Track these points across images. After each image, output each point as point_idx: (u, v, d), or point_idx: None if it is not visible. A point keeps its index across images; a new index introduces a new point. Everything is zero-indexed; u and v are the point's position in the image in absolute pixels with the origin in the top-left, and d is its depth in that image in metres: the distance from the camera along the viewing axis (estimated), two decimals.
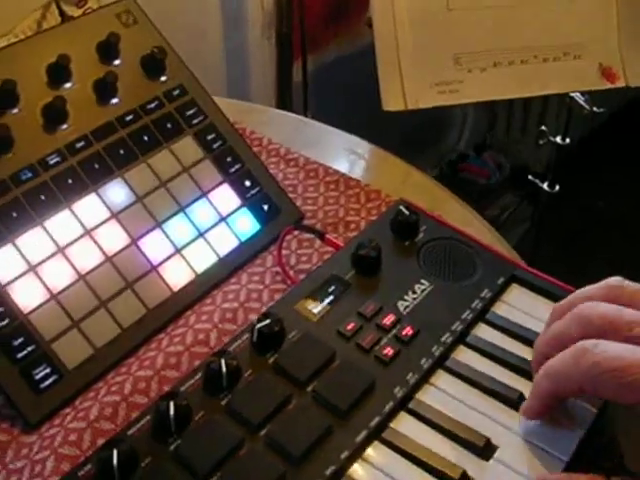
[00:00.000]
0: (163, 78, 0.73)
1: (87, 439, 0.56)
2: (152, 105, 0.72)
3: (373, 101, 0.92)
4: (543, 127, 1.20)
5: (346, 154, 0.87)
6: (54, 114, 0.66)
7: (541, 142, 1.19)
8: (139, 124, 0.70)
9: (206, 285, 0.68)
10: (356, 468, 0.50)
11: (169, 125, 0.72)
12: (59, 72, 0.67)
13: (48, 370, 0.59)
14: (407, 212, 0.66)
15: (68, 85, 0.68)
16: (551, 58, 0.94)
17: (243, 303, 0.67)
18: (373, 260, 0.61)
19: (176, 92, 0.73)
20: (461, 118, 1.93)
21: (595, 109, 1.06)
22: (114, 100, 0.70)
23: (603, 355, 0.47)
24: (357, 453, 0.50)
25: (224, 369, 0.52)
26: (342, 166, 0.84)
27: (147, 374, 0.60)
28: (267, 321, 0.55)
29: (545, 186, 1.23)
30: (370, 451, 0.51)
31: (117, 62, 0.71)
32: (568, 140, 1.17)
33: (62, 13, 0.78)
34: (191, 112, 0.73)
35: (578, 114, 1.10)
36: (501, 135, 1.95)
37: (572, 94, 1.09)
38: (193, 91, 0.74)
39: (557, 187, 1.22)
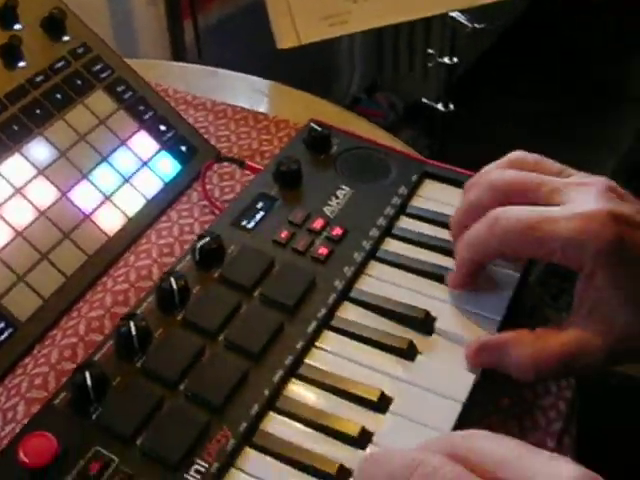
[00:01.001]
0: (66, 38, 0.75)
1: (52, 381, 0.59)
2: (59, 65, 0.73)
3: (262, 58, 0.96)
4: (430, 50, 1.26)
5: (250, 94, 0.90)
6: None
7: (430, 64, 1.24)
8: (50, 84, 0.72)
9: (139, 226, 0.70)
10: (313, 354, 0.54)
11: (79, 82, 0.74)
12: None
13: (2, 324, 0.61)
14: (319, 128, 0.70)
15: None
16: None
17: (177, 237, 0.70)
18: (294, 173, 0.65)
19: (80, 50, 0.75)
20: (349, 63, 1.97)
21: (477, 26, 1.12)
22: (21, 64, 0.71)
23: (513, 218, 0.52)
24: (311, 342, 0.54)
25: (175, 287, 0.55)
26: (248, 104, 0.87)
27: (98, 314, 0.63)
28: (207, 239, 0.58)
29: (440, 106, 1.28)
30: (322, 339, 0.55)
31: (18, 27, 0.73)
32: (456, 59, 1.22)
33: None
34: (98, 67, 0.75)
35: (461, 34, 1.15)
36: (390, 74, 2.00)
37: (452, 14, 1.14)
38: (97, 48, 0.76)
39: (451, 106, 1.28)
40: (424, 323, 0.55)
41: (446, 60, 1.23)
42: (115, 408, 0.49)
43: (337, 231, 0.62)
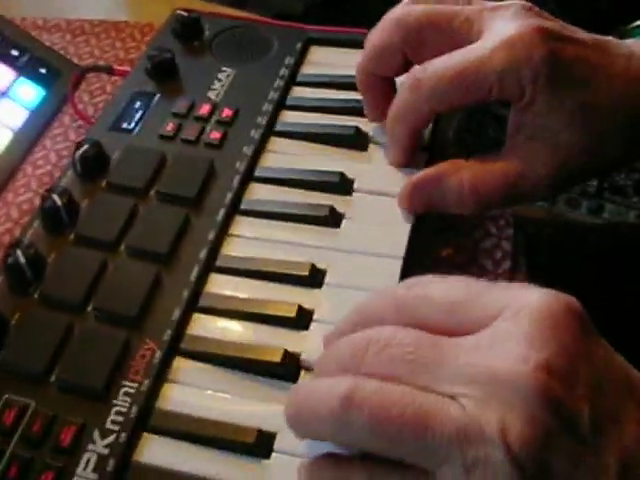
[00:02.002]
0: None
1: None
2: None
3: None
4: None
5: (106, 4, 0.83)
6: None
7: None
8: None
9: (13, 161, 0.63)
10: (228, 243, 0.48)
11: None
12: None
13: None
14: (185, 14, 0.63)
15: None
16: None
17: (56, 164, 0.63)
18: (168, 63, 0.59)
19: None
20: None
21: None
22: None
23: (436, 71, 0.47)
24: (223, 231, 0.49)
25: (59, 203, 0.48)
26: (105, 16, 0.79)
27: None
28: (85, 146, 0.52)
29: None
30: (235, 226, 0.50)
31: None
32: None
33: None
34: None
35: None
36: None
37: None
38: None
39: None
40: (341, 184, 0.50)
41: None
42: (19, 348, 0.43)
43: (227, 112, 0.56)
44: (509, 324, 0.31)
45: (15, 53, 0.68)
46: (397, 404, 0.30)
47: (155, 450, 0.40)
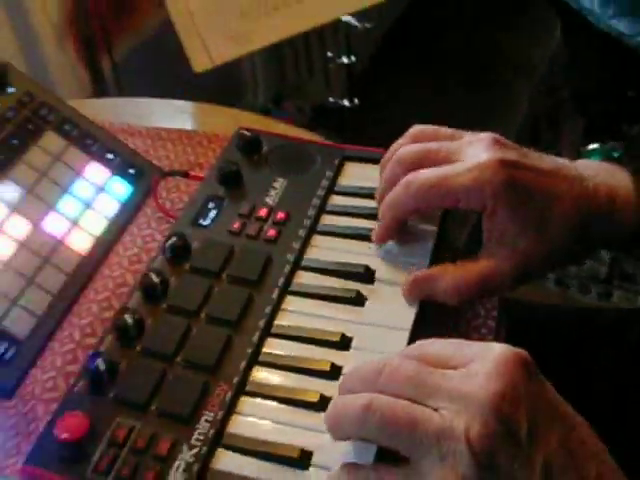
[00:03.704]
0: (11, 89, 0.84)
1: (61, 383, 0.68)
2: (9, 114, 0.82)
3: (169, 82, 1.06)
4: (329, 53, 1.38)
5: (177, 115, 1.01)
6: None
7: (330, 66, 1.36)
8: (4, 132, 0.81)
9: (107, 243, 0.80)
10: (280, 316, 0.65)
11: (30, 126, 0.83)
12: None
13: (6, 345, 0.70)
14: (248, 133, 0.81)
15: None
16: None
17: (142, 247, 0.80)
18: (236, 174, 0.76)
19: (26, 98, 0.85)
20: (252, 77, 2.07)
21: (367, 25, 1.24)
22: None
23: (423, 178, 0.64)
24: (277, 307, 0.65)
25: (156, 280, 0.65)
26: (178, 125, 0.97)
27: (89, 321, 0.73)
28: (174, 238, 0.69)
29: (346, 102, 1.41)
30: (286, 303, 0.66)
31: None
32: (353, 58, 1.35)
33: None
34: (44, 111, 0.85)
35: (354, 34, 1.28)
36: (293, 81, 2.11)
37: (344, 18, 1.26)
38: (40, 94, 0.86)
39: (356, 100, 1.40)
40: (365, 275, 0.67)
41: (344, 60, 1.35)
42: (127, 385, 0.60)
43: (280, 215, 0.73)
44: (478, 365, 0.48)
45: (110, 156, 0.86)
46: (398, 411, 0.47)
47: (226, 460, 0.55)
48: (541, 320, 0.89)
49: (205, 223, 0.73)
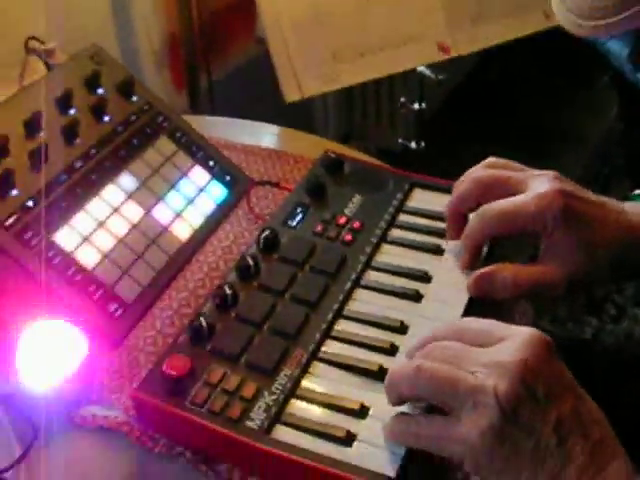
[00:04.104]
0: (134, 98, 0.99)
1: (159, 341, 0.82)
2: (132, 118, 0.97)
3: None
4: (402, 99, 1.52)
5: (266, 137, 1.15)
6: (69, 132, 0.91)
7: (403, 111, 1.50)
8: (128, 132, 0.96)
9: (203, 234, 0.94)
10: (350, 304, 0.78)
11: (148, 130, 0.98)
12: (66, 102, 0.92)
13: (116, 305, 0.84)
14: (333, 155, 0.95)
15: (72, 111, 0.93)
16: (401, 44, 1.25)
17: (233, 241, 0.93)
18: (322, 187, 0.90)
19: (146, 107, 0.99)
20: (323, 115, 2.22)
21: (440, 77, 1.38)
22: (106, 118, 0.95)
23: (497, 208, 0.77)
24: (348, 296, 0.78)
25: (251, 262, 0.79)
26: (269, 144, 1.11)
27: (184, 295, 0.86)
28: (267, 231, 0.82)
29: (413, 144, 1.54)
30: (355, 295, 0.79)
31: (100, 91, 0.97)
32: (424, 105, 1.49)
33: (47, 63, 1.02)
34: (160, 119, 1.00)
35: (428, 83, 1.42)
36: (361, 123, 2.25)
37: (419, 68, 1.41)
38: (157, 105, 1.01)
39: (422, 144, 1.54)
40: (425, 277, 0.80)
41: (416, 106, 1.49)
42: (222, 340, 0.73)
43: (356, 224, 0.86)
44: (509, 342, 0.60)
45: (211, 163, 1.00)
46: (443, 372, 0.59)
47: (298, 407, 0.68)
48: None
49: (293, 224, 0.86)
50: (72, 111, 0.93)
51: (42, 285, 0.81)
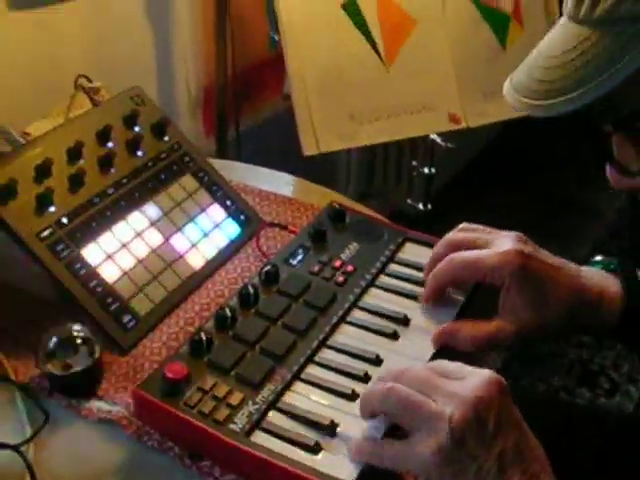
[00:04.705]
0: (166, 138, 1.11)
1: (164, 352, 0.92)
2: (162, 156, 1.09)
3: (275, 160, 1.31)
4: (414, 162, 1.64)
5: (283, 185, 1.26)
6: (106, 162, 1.02)
7: (414, 174, 1.62)
8: (157, 167, 1.07)
9: (214, 266, 1.04)
10: (334, 339, 0.88)
11: (175, 168, 1.09)
12: (105, 135, 1.04)
13: (129, 317, 0.94)
14: (338, 207, 1.06)
15: (110, 144, 1.05)
16: (415, 111, 1.37)
17: (240, 274, 1.04)
18: (323, 233, 1.01)
19: (175, 147, 1.11)
20: (346, 173, 2.34)
21: (449, 145, 1.50)
22: (139, 153, 1.07)
23: (461, 257, 0.87)
24: (334, 329, 0.88)
25: (251, 291, 0.89)
26: (284, 192, 1.22)
27: (191, 315, 0.97)
28: (268, 266, 0.93)
29: (420, 206, 1.65)
30: (340, 330, 0.89)
31: (137, 129, 1.09)
32: (433, 170, 1.60)
33: (92, 99, 1.15)
34: (187, 159, 1.11)
35: (439, 151, 1.54)
36: (379, 182, 2.36)
37: (432, 136, 1.53)
38: (185, 146, 1.12)
39: (429, 206, 1.64)
40: (404, 321, 0.89)
41: (425, 170, 1.61)
42: (218, 354, 0.83)
43: (350, 268, 0.96)
44: (470, 379, 0.70)
45: (228, 203, 1.11)
46: (410, 396, 0.69)
47: (277, 418, 0.78)
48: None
49: (293, 262, 0.97)
50: (110, 144, 1.05)
51: (68, 292, 0.92)
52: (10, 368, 0.88)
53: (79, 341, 0.87)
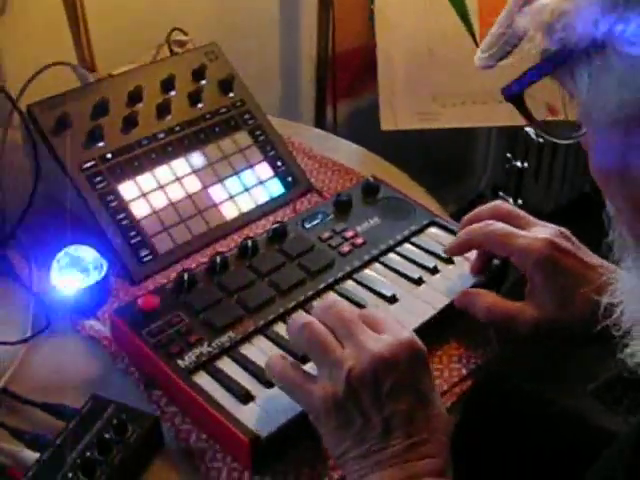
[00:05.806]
0: (231, 94, 1.16)
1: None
2: (222, 110, 1.14)
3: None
4: (508, 154, 1.60)
5: (354, 157, 1.28)
6: (163, 108, 1.09)
7: (507, 166, 1.58)
8: (213, 120, 1.13)
9: (247, 219, 1.09)
10: (317, 301, 0.90)
11: (232, 123, 1.14)
12: (168, 84, 1.11)
13: (147, 252, 1.01)
14: (372, 180, 1.07)
15: (173, 93, 1.11)
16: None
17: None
18: (346, 203, 1.02)
19: (239, 104, 1.16)
20: (483, 164, 2.31)
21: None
22: (199, 105, 1.13)
23: (497, 227, 0.87)
24: (317, 294, 0.90)
25: (250, 245, 0.93)
26: (351, 165, 1.24)
27: (204, 261, 1.02)
28: (277, 225, 0.96)
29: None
30: (325, 294, 0.91)
31: (203, 82, 1.14)
32: (526, 164, 1.56)
33: (171, 50, 1.22)
34: (247, 117, 1.16)
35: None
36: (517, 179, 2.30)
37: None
38: (250, 104, 1.17)
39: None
40: (392, 299, 0.90)
41: (518, 164, 1.57)
42: (195, 296, 0.88)
43: (359, 240, 0.98)
44: (387, 336, 0.70)
45: (279, 164, 1.15)
46: (321, 337, 0.71)
47: (226, 364, 0.81)
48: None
49: (307, 226, 1.00)
50: (173, 93, 1.12)
51: (94, 217, 1.00)
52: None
53: (92, 265, 0.95)
